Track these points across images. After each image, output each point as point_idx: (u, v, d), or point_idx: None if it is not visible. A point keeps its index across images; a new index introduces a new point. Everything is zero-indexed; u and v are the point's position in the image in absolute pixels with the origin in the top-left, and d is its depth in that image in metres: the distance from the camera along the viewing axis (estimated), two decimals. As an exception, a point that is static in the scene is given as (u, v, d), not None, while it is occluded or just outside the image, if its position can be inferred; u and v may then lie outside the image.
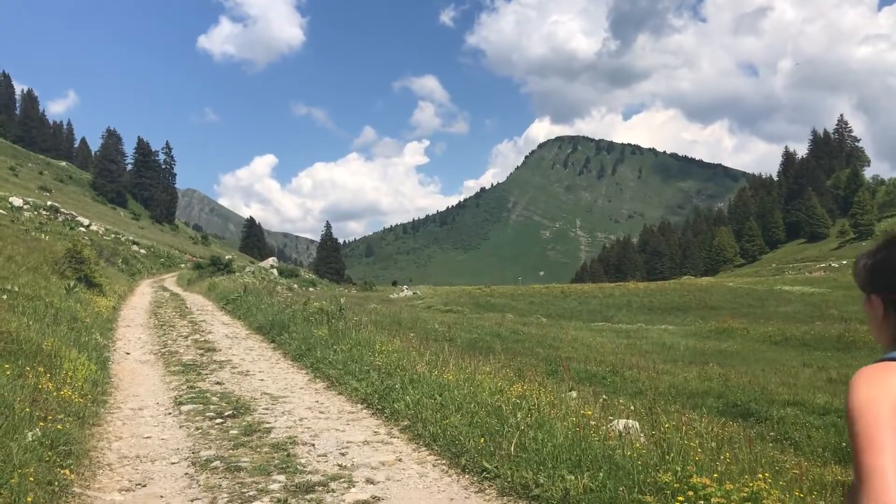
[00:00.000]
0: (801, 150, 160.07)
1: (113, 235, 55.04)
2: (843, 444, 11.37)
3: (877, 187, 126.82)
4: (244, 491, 5.07)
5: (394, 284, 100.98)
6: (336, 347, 10.83)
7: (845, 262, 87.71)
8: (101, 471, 5.50)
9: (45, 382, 6.57)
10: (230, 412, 7.58)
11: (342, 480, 5.35)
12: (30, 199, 52.08)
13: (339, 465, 5.75)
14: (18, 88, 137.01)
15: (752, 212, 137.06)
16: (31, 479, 4.28)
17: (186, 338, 14.19)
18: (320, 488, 5.16)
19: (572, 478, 4.70)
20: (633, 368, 18.75)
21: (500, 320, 32.25)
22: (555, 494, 4.63)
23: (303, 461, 5.84)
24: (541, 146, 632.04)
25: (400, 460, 5.94)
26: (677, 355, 24.62)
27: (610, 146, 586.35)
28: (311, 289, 48.77)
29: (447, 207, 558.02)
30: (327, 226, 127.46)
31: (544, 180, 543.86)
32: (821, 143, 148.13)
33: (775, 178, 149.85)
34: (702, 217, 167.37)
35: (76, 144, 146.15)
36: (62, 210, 53.24)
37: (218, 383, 9.33)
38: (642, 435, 6.00)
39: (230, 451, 6.09)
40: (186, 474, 5.49)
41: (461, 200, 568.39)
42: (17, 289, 13.04)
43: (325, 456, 6.03)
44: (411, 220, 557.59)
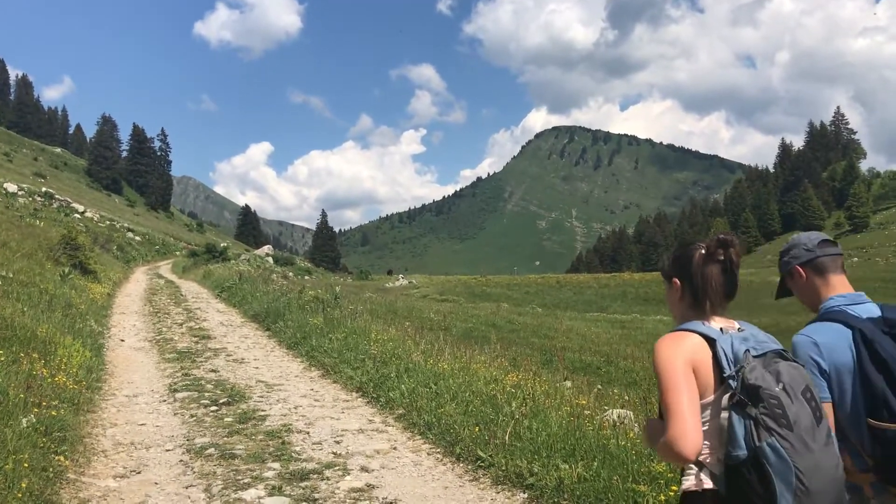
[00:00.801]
0: (798, 141, 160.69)
1: (108, 222, 54.86)
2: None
3: (872, 180, 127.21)
4: (239, 478, 5.07)
5: (389, 273, 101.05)
6: (331, 336, 10.83)
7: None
8: (95, 457, 5.49)
9: (40, 369, 6.55)
10: (225, 400, 7.58)
11: (337, 468, 5.36)
12: (24, 186, 51.85)
13: (333, 453, 5.76)
14: (13, 74, 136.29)
15: (748, 203, 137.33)
16: (26, 465, 4.27)
17: (181, 325, 14.17)
18: (315, 476, 5.16)
19: (566, 467, 4.71)
20: (628, 359, 18.79)
21: (495, 310, 32.31)
22: (549, 483, 4.65)
23: (297, 449, 5.84)
24: (538, 136, 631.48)
25: (395, 448, 5.95)
26: (672, 346, 24.66)
27: (607, 137, 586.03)
28: (306, 277, 48.77)
29: (443, 197, 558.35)
30: (323, 214, 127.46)
31: (541, 170, 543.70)
32: (817, 136, 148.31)
33: (771, 170, 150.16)
34: (698, 208, 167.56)
35: (71, 131, 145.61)
36: (57, 196, 53.04)
37: (213, 371, 9.33)
38: (636, 425, 6.02)
39: (225, 439, 6.09)
40: (181, 461, 5.49)
41: (457, 190, 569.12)
42: (11, 275, 12.99)
43: (319, 444, 6.04)
44: (407, 209, 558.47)
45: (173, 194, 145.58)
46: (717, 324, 2.10)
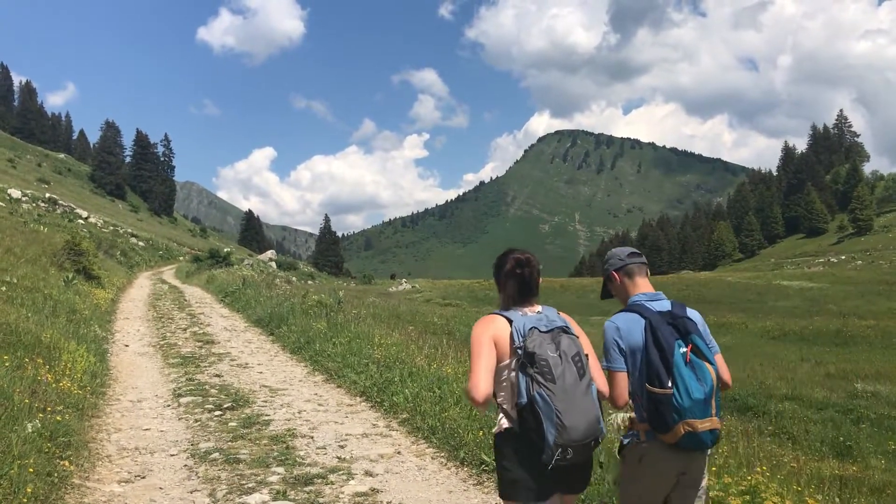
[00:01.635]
0: (801, 144, 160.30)
1: (111, 228, 54.94)
2: (841, 438, 11.41)
3: (876, 182, 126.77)
4: (243, 483, 5.08)
5: (392, 278, 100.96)
6: (335, 340, 10.83)
7: (844, 258, 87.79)
8: (100, 462, 5.50)
9: (45, 374, 6.57)
10: (229, 404, 7.59)
11: (341, 473, 5.36)
12: (28, 191, 51.96)
13: (337, 458, 5.76)
14: (17, 80, 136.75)
15: (752, 206, 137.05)
16: (31, 469, 4.28)
17: (185, 330, 14.19)
18: (319, 480, 5.17)
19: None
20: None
21: (498, 314, 32.19)
22: (553, 487, 4.63)
23: (302, 453, 5.85)
24: (540, 140, 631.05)
25: (399, 453, 5.95)
26: (675, 349, 24.61)
27: (609, 140, 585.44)
28: (309, 282, 48.79)
29: (446, 201, 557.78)
30: (326, 219, 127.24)
31: (543, 174, 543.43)
32: (820, 138, 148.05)
33: (775, 173, 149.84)
34: (701, 212, 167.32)
35: (75, 136, 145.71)
36: (60, 202, 53.14)
37: (217, 375, 9.34)
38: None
39: (229, 443, 6.10)
40: (185, 466, 5.49)
41: (460, 194, 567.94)
42: (15, 280, 13.02)
43: (323, 448, 6.04)
44: (410, 213, 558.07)
45: (177, 199, 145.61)
46: (520, 309, 2.81)
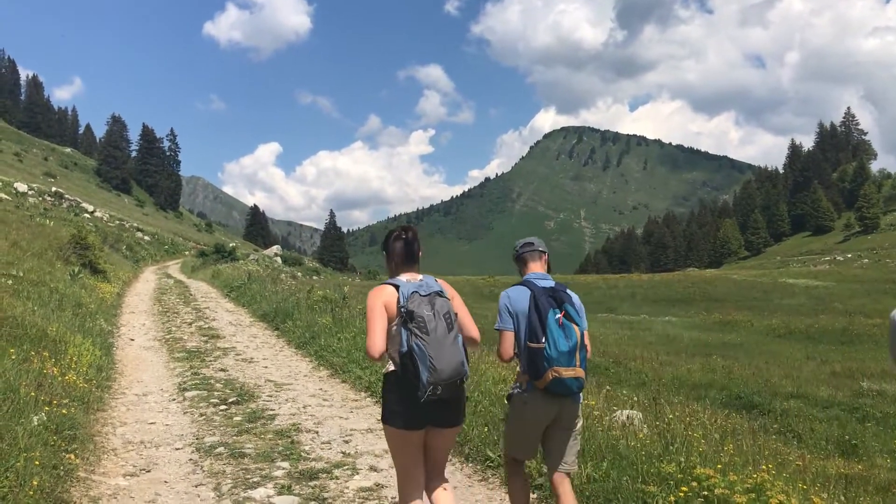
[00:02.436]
0: (808, 142, 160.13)
1: (117, 222, 55.10)
2: (847, 436, 11.36)
3: (883, 181, 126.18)
4: (248, 477, 5.09)
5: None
6: (340, 335, 10.85)
7: (850, 256, 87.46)
8: (105, 456, 5.52)
9: (50, 367, 6.59)
10: (234, 399, 7.60)
11: (346, 468, 5.37)
12: (34, 185, 52.14)
13: (342, 453, 5.77)
14: (24, 74, 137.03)
15: (758, 204, 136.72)
16: (37, 462, 4.29)
17: (190, 324, 14.22)
18: (324, 475, 5.17)
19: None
20: (637, 360, 18.74)
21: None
22: (558, 484, 4.62)
23: (307, 448, 5.86)
24: (546, 136, 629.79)
25: (403, 448, 5.94)
26: (681, 347, 24.61)
27: (615, 137, 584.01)
28: (314, 277, 48.86)
29: (452, 197, 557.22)
30: (331, 214, 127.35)
31: (549, 171, 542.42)
32: (827, 136, 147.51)
33: (781, 171, 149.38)
34: (707, 209, 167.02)
35: (81, 131, 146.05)
36: (67, 196, 53.29)
37: (222, 370, 9.36)
38: (646, 426, 6.00)
39: (234, 438, 6.11)
40: (190, 460, 5.51)
41: (465, 190, 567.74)
42: (21, 274, 13.07)
43: (328, 443, 6.05)
44: (416, 209, 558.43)
45: (182, 194, 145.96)
46: (404, 277, 3.42)
